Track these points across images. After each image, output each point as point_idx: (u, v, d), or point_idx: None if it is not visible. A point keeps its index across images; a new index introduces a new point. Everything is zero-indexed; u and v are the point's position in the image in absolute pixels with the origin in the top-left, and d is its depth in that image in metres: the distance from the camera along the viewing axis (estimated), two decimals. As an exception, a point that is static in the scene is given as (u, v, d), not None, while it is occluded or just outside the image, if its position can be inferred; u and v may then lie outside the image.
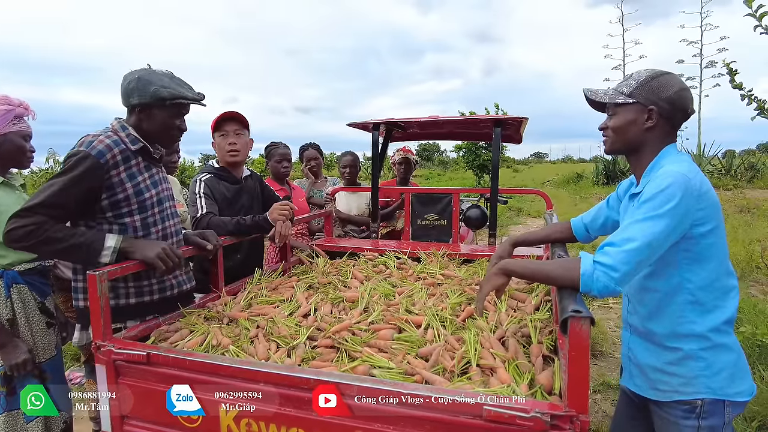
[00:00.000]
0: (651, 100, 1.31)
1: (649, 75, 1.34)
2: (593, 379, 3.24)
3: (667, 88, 1.31)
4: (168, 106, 1.61)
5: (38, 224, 1.42)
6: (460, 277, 1.97)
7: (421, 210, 2.99)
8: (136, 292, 1.64)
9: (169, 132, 1.67)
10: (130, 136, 1.60)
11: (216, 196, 2.18)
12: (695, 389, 1.30)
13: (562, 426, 0.96)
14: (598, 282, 1.16)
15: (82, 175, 1.48)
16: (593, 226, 1.68)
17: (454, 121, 2.97)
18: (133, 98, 1.59)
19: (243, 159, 2.30)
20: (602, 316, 4.46)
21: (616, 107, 1.36)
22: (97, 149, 1.51)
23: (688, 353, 1.31)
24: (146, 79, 1.59)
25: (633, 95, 1.33)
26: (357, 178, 3.78)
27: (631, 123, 1.34)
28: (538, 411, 0.96)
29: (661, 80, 1.33)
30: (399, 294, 1.80)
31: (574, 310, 0.97)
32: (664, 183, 1.22)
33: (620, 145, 1.39)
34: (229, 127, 2.23)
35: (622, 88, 1.36)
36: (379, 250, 2.43)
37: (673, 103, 1.31)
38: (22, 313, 1.78)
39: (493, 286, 1.33)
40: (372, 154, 2.96)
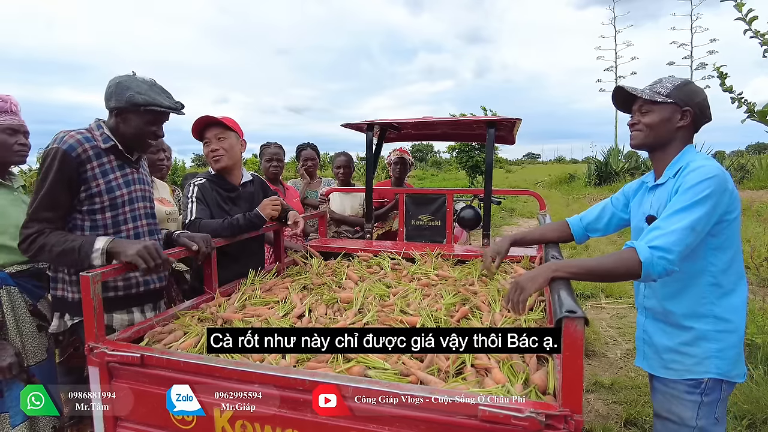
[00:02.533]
0: (686, 102, 1.46)
1: (683, 81, 1.50)
2: (586, 378, 3.26)
3: (697, 95, 1.48)
4: (142, 112, 1.66)
5: (35, 233, 1.54)
6: (454, 277, 1.98)
7: (415, 211, 2.99)
8: (124, 285, 1.70)
9: (142, 137, 1.71)
10: (103, 135, 1.67)
11: (208, 201, 2.15)
12: (705, 369, 1.44)
13: (557, 426, 0.97)
14: (658, 266, 1.29)
15: (58, 170, 1.56)
16: (596, 225, 1.80)
17: (447, 122, 2.98)
18: (111, 101, 1.66)
19: (232, 162, 2.21)
20: (595, 316, 4.50)
21: (653, 105, 1.49)
22: (68, 143, 1.58)
23: (703, 333, 1.44)
24: (125, 84, 1.65)
25: (671, 96, 1.47)
26: (351, 179, 3.78)
27: (666, 121, 1.48)
28: (532, 411, 0.97)
29: (692, 87, 1.49)
30: (393, 295, 1.80)
31: (568, 310, 0.98)
32: (704, 174, 1.35)
33: (651, 140, 1.52)
34: (209, 133, 2.17)
35: (659, 88, 1.50)
36: (374, 250, 2.43)
37: (702, 108, 1.48)
38: (11, 315, 1.76)
39: (540, 287, 1.31)
40: (366, 155, 2.96)
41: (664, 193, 1.49)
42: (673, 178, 1.47)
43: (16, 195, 1.86)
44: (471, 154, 16.27)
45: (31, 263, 1.84)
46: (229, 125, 2.17)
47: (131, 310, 1.74)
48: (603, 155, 19.42)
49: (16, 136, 1.83)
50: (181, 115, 1.78)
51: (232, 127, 2.19)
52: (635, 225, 1.66)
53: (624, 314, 4.52)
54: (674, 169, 1.48)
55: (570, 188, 18.93)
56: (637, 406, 2.82)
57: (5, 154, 1.82)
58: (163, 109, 1.68)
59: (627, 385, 3.13)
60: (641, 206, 1.61)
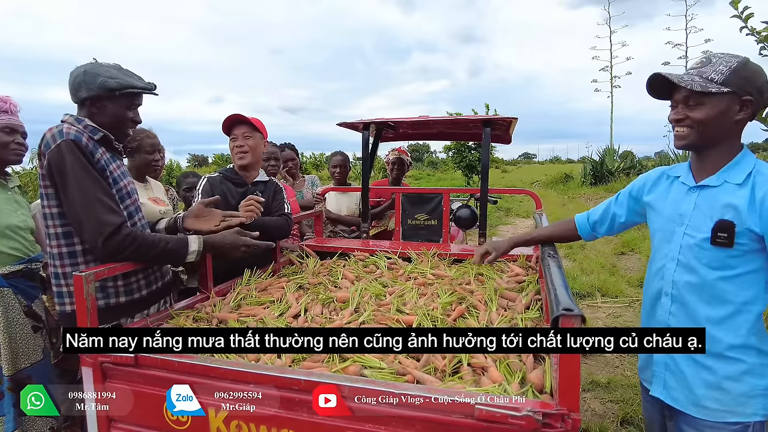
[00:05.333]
0: (746, 90, 1.20)
1: (740, 62, 1.22)
2: (582, 377, 3.26)
3: (759, 76, 1.22)
4: (118, 96, 1.57)
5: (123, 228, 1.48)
6: (450, 276, 1.97)
7: (412, 210, 2.99)
8: (125, 290, 1.62)
9: (121, 124, 1.63)
10: (89, 127, 1.56)
11: (216, 194, 2.17)
12: (753, 410, 1.23)
13: (554, 424, 0.96)
14: None
15: (81, 157, 1.46)
16: (601, 225, 1.64)
17: (444, 121, 2.98)
18: (81, 92, 1.56)
19: (253, 161, 2.30)
20: (591, 315, 4.51)
21: (704, 96, 1.22)
22: (72, 134, 1.47)
23: (751, 368, 1.23)
24: (93, 72, 1.56)
25: (727, 83, 1.20)
26: (347, 178, 3.78)
27: (723, 114, 1.21)
28: (529, 410, 0.96)
29: (751, 67, 1.22)
30: (390, 294, 1.79)
31: (565, 308, 0.98)
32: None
33: (703, 139, 1.26)
34: (237, 130, 2.26)
35: (711, 74, 1.22)
36: (370, 250, 2.43)
37: (763, 92, 1.22)
38: (2, 318, 1.75)
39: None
40: (362, 155, 2.96)
41: (721, 197, 1.26)
42: (737, 185, 1.24)
43: (10, 195, 1.86)
44: (465, 155, 16.32)
45: (24, 264, 1.83)
46: (257, 126, 2.28)
47: (134, 316, 1.67)
48: (599, 155, 19.48)
49: (13, 135, 1.85)
50: (155, 95, 1.70)
51: (258, 128, 2.29)
52: (663, 226, 1.40)
53: (619, 313, 4.53)
54: (737, 173, 1.25)
55: (566, 188, 18.97)
56: (633, 405, 2.83)
57: (2, 152, 1.83)
58: (138, 91, 1.61)
59: (623, 384, 3.14)
60: (676, 205, 1.36)
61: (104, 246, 1.44)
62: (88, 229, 1.44)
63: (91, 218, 1.44)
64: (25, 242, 1.86)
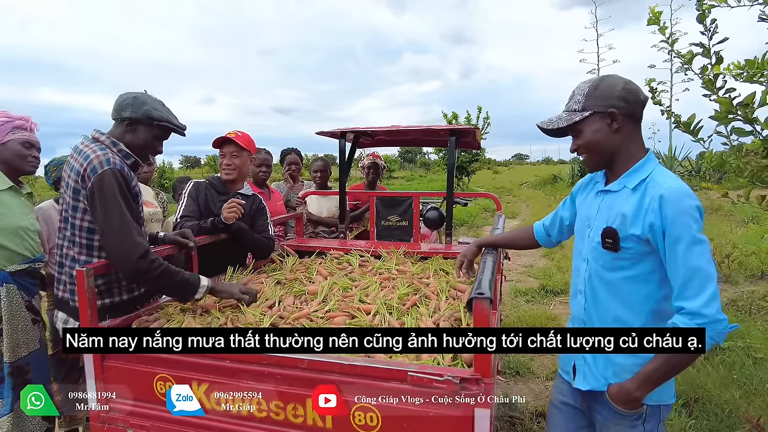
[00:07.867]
0: (606, 104, 1.33)
1: (591, 84, 1.37)
2: (547, 368, 3.51)
3: (613, 88, 1.33)
4: (154, 126, 1.82)
5: (150, 254, 1.64)
6: (411, 272, 2.19)
7: (385, 212, 3.20)
8: (127, 289, 1.84)
9: (147, 150, 1.86)
10: (122, 152, 1.77)
11: (200, 199, 2.43)
12: None
13: (470, 387, 1.20)
14: (716, 337, 1.20)
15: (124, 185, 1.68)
16: (553, 230, 1.74)
17: (415, 129, 3.20)
18: (125, 112, 1.78)
19: (239, 177, 2.50)
20: (562, 311, 4.75)
21: (577, 125, 1.38)
22: (115, 163, 1.68)
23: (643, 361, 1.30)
24: (141, 99, 1.80)
25: (586, 107, 1.35)
26: (328, 182, 4.00)
27: (599, 132, 1.35)
28: (450, 375, 1.20)
29: (604, 83, 1.35)
30: (356, 287, 2.01)
31: (477, 292, 1.20)
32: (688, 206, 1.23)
33: (601, 156, 1.39)
34: (226, 149, 2.46)
35: (573, 106, 1.39)
36: (345, 249, 2.64)
37: (626, 99, 1.33)
38: (7, 311, 1.95)
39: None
40: (339, 160, 3.16)
41: (617, 203, 1.37)
42: (632, 190, 1.34)
43: (22, 200, 2.09)
44: (455, 156, 16.52)
45: (29, 263, 2.04)
46: (243, 145, 2.46)
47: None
48: (586, 156, 19.74)
49: (31, 149, 2.14)
50: (183, 137, 1.96)
51: (246, 147, 2.48)
52: (579, 228, 1.53)
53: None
54: (633, 179, 1.35)
55: (553, 189, 19.28)
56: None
57: (21, 163, 2.11)
58: (172, 127, 1.86)
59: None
60: (588, 208, 1.49)
61: (136, 264, 1.61)
62: (124, 249, 1.62)
63: (126, 240, 1.62)
64: (33, 243, 2.08)
